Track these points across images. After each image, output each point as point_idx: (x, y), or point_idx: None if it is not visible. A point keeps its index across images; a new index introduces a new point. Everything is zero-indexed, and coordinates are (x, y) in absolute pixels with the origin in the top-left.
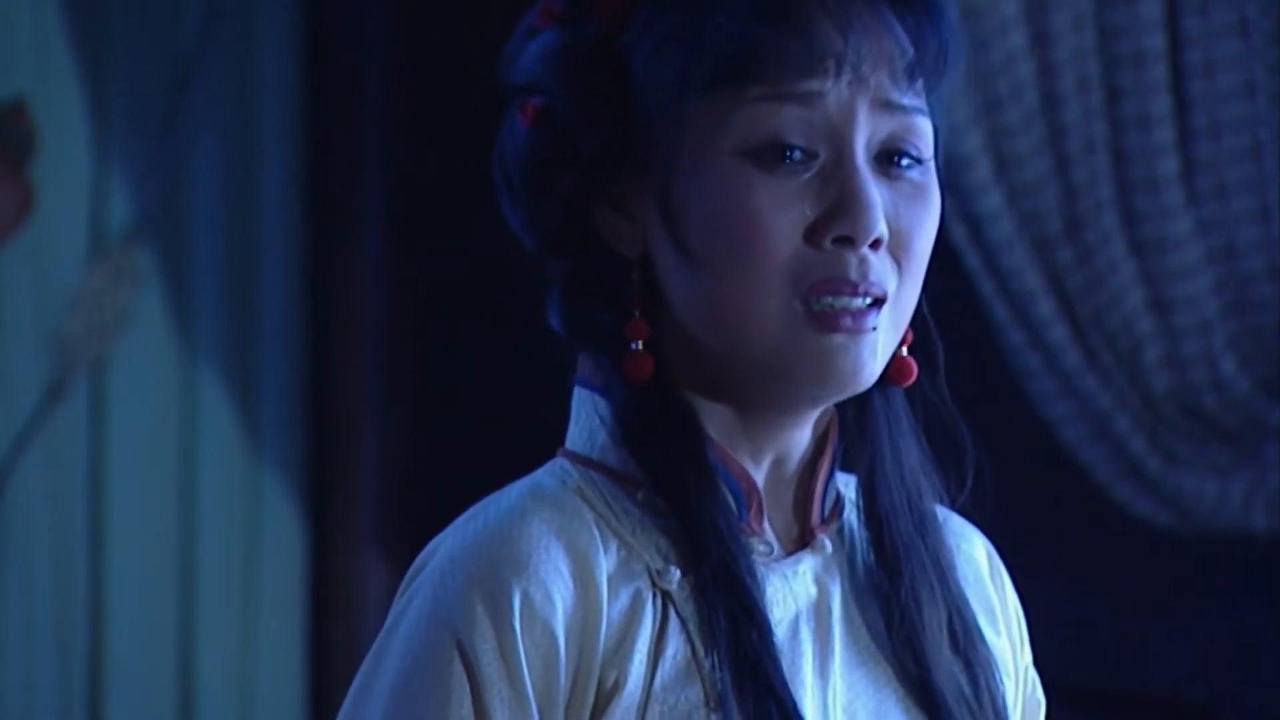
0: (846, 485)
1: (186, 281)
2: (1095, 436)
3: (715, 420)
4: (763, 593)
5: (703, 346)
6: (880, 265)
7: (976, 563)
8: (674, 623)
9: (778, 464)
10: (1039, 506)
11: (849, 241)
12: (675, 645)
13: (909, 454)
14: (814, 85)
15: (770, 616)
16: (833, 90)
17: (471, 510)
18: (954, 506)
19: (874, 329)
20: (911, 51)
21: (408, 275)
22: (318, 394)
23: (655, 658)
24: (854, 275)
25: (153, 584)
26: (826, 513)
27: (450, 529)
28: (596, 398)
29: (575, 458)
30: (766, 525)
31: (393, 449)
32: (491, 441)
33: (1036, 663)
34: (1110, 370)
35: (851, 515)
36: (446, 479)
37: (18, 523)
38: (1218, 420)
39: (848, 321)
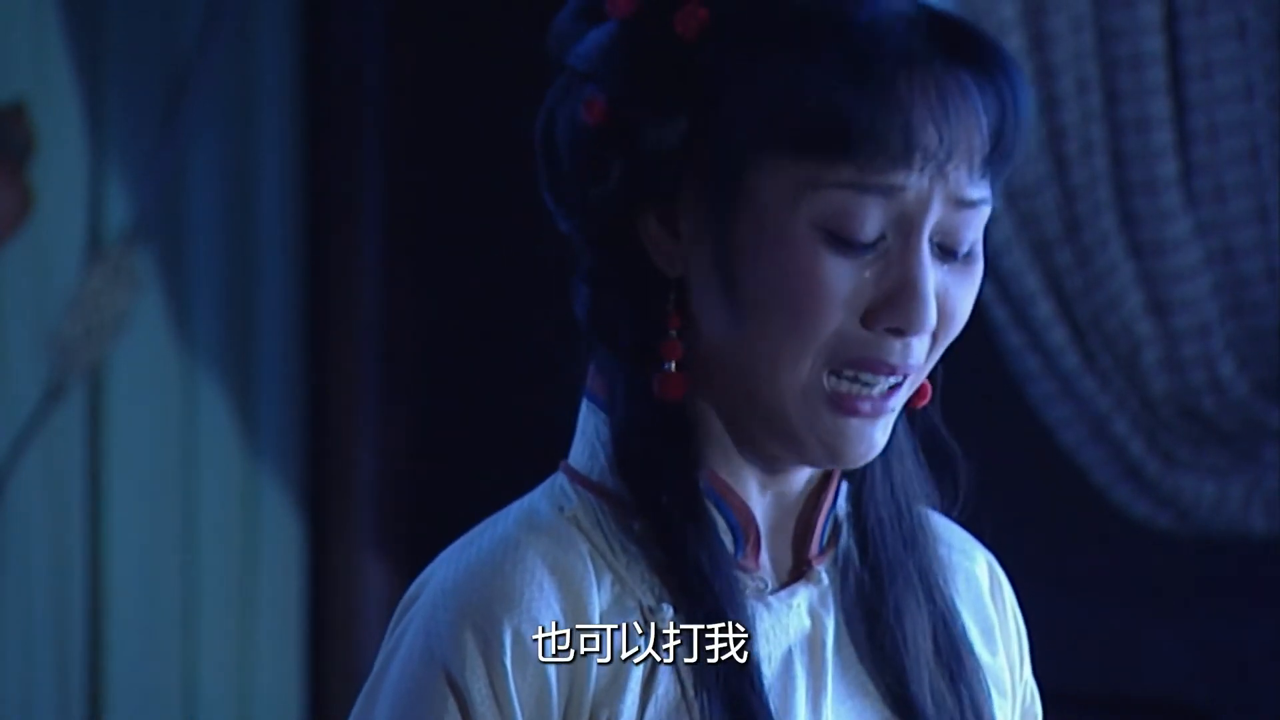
0: (844, 499)
1: (185, 283)
2: (1094, 438)
3: (722, 447)
4: (755, 630)
5: (722, 383)
6: (920, 345)
7: (977, 579)
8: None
9: (780, 495)
10: (1038, 509)
11: (900, 332)
12: (666, 684)
13: (901, 466)
14: (899, 179)
15: (761, 652)
16: (915, 183)
17: (466, 537)
18: (951, 512)
19: (891, 409)
20: (992, 141)
21: (407, 277)
22: (316, 396)
23: (646, 696)
24: (895, 359)
25: (152, 586)
26: (824, 543)
27: (444, 556)
28: (603, 416)
29: (576, 476)
30: (764, 559)
31: (391, 451)
32: (490, 443)
33: (1036, 665)
34: (1109, 372)
35: (847, 538)
36: (445, 481)
37: (17, 524)
38: (1216, 422)
39: (866, 407)
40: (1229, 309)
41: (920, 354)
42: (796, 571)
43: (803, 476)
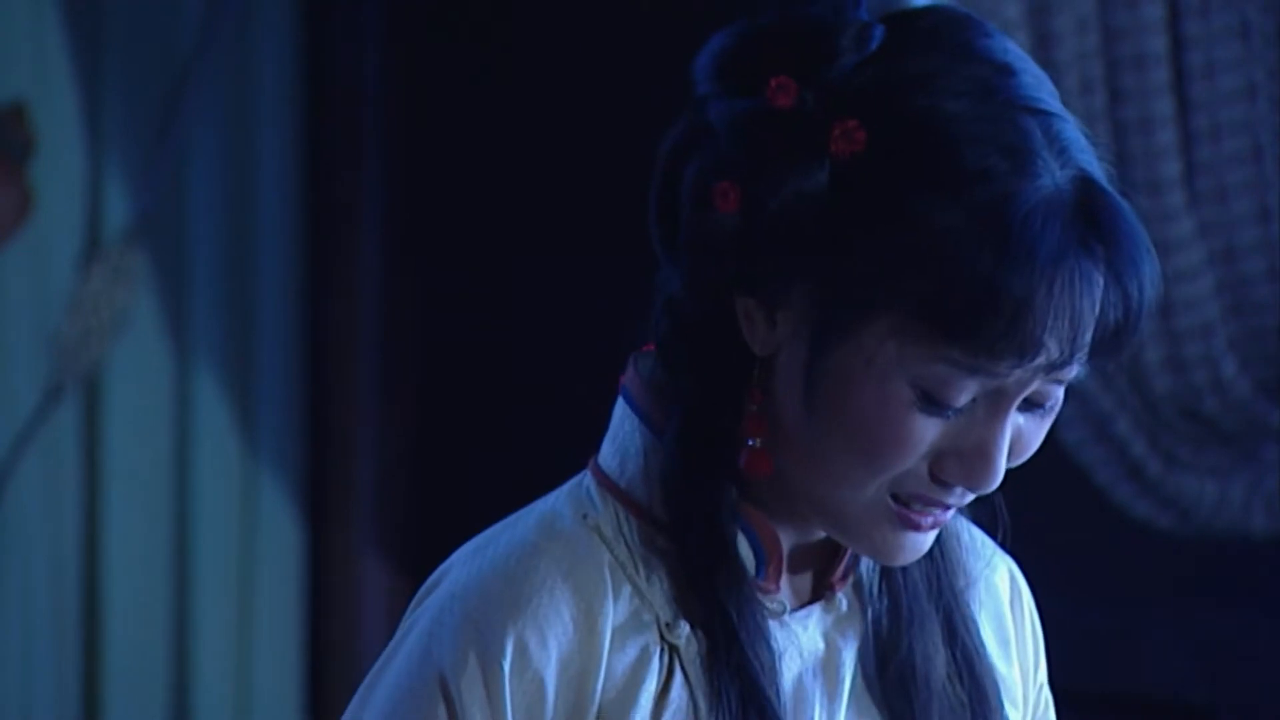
0: None
1: (184, 284)
2: (1096, 439)
3: (762, 493)
4: (771, 655)
5: (788, 460)
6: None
7: (997, 588)
8: (678, 679)
9: (805, 535)
10: (1039, 509)
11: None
12: (678, 703)
13: None
14: (1005, 368)
15: (776, 678)
16: (1021, 373)
17: (486, 534)
18: (995, 537)
19: (948, 519)
20: (1109, 339)
21: (406, 278)
22: (315, 397)
23: (657, 713)
24: (953, 501)
25: (150, 587)
26: (846, 567)
27: (462, 553)
28: (637, 422)
29: (604, 481)
30: (784, 583)
31: (390, 452)
32: (489, 444)
33: None
34: (1111, 372)
35: (871, 569)
36: (444, 481)
37: (15, 525)
38: (1218, 422)
39: (928, 521)
40: (1231, 309)
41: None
42: (815, 594)
43: None
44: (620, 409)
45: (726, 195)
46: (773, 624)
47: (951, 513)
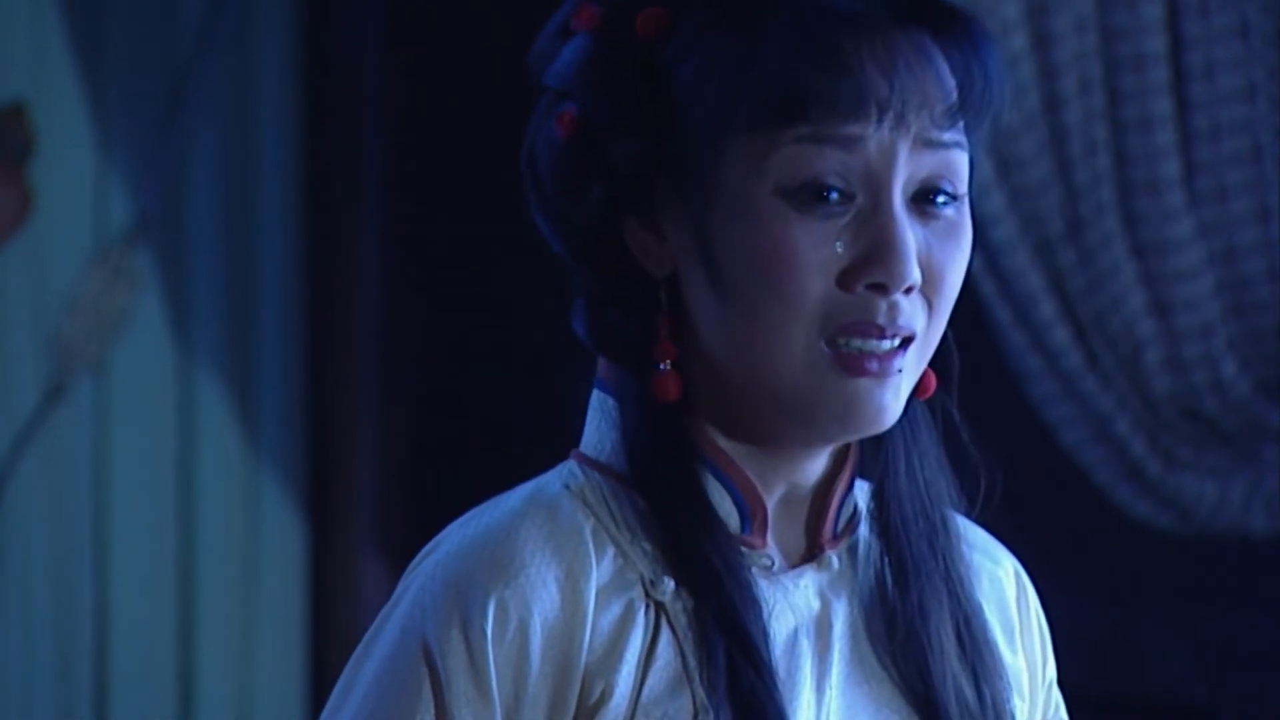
0: (863, 493)
1: (186, 284)
2: (1096, 439)
3: (731, 435)
4: (759, 608)
5: (725, 373)
6: (910, 308)
7: (1001, 582)
8: (665, 634)
9: (793, 485)
10: (1039, 508)
11: (882, 288)
12: (666, 657)
13: (926, 464)
14: (855, 130)
15: (766, 630)
16: (874, 135)
17: (475, 510)
18: (971, 515)
19: (899, 371)
20: (956, 92)
21: (406, 278)
22: (316, 396)
23: (644, 669)
24: (882, 320)
25: (153, 586)
26: (840, 528)
27: (452, 527)
28: (611, 401)
29: (585, 460)
30: (770, 539)
31: (391, 451)
32: (489, 444)
33: None
34: (1111, 372)
35: (865, 528)
36: (444, 481)
37: (16, 524)
38: (1218, 422)
39: (873, 365)
40: (1231, 309)
41: (911, 316)
42: (808, 554)
43: (816, 466)
44: (595, 396)
45: (563, 118)
46: (764, 581)
47: (902, 359)
